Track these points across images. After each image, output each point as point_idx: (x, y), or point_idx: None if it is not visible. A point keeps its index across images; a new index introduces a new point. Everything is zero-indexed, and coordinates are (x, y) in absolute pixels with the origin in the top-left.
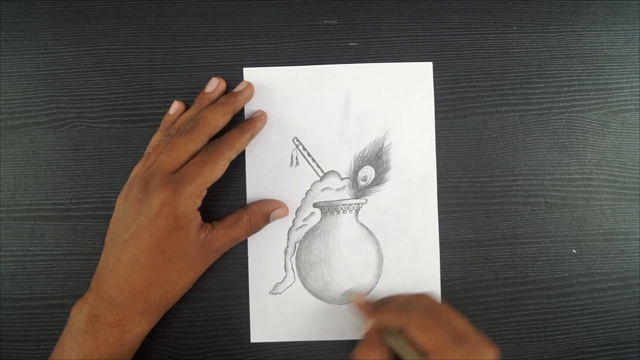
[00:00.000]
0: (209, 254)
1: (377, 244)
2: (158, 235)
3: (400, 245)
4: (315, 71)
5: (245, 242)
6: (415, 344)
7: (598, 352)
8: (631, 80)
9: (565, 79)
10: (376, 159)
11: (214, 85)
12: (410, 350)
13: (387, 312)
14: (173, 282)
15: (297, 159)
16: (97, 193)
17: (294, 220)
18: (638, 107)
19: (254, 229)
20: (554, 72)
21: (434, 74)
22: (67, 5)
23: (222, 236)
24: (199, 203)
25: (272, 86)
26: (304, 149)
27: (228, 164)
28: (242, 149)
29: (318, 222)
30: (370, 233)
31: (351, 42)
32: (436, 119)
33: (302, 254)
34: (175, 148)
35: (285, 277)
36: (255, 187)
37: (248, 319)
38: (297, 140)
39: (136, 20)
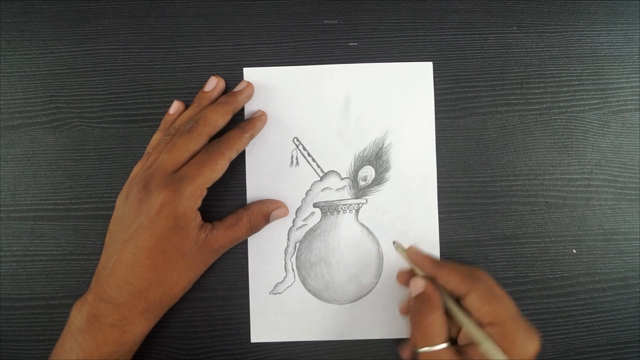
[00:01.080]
0: (209, 254)
1: (377, 243)
2: (158, 235)
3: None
4: (315, 71)
5: (245, 242)
6: (475, 314)
7: (598, 352)
8: (631, 80)
9: (565, 79)
10: (376, 159)
11: (213, 84)
12: (469, 319)
13: (452, 272)
14: (173, 282)
15: (297, 159)
16: (97, 193)
17: (294, 220)
18: (638, 107)
19: (254, 229)
20: (554, 72)
21: (434, 74)
22: (67, 5)
23: (222, 236)
24: (199, 203)
25: (272, 86)
26: (304, 149)
27: (228, 163)
28: (242, 149)
29: (318, 222)
30: (371, 233)
31: (351, 42)
32: (436, 119)
33: (302, 254)
34: (175, 148)
35: (286, 277)
36: (256, 187)
37: (248, 319)
38: (297, 140)
39: (136, 20)
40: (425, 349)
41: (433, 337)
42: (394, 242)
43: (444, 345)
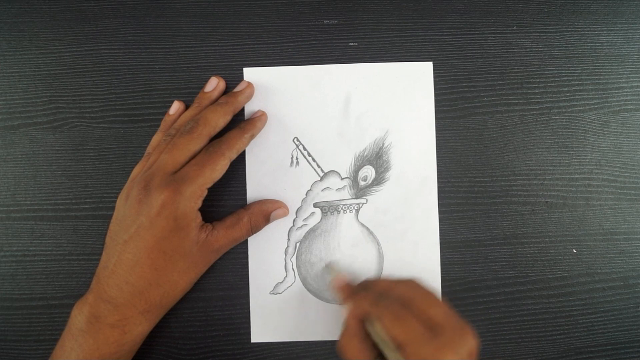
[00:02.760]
0: (209, 254)
1: (378, 243)
2: (158, 236)
3: (400, 245)
4: (315, 71)
5: (245, 242)
6: (390, 335)
7: (598, 352)
8: (631, 80)
9: (565, 79)
10: (376, 159)
11: (214, 84)
12: (387, 341)
13: (363, 300)
14: (173, 282)
15: (297, 159)
16: (97, 193)
17: (294, 220)
18: (638, 107)
19: (255, 229)
20: (554, 72)
21: (434, 73)
22: (67, 5)
23: (222, 236)
24: (199, 203)
25: (272, 86)
26: (304, 149)
27: (228, 164)
28: (243, 149)
29: (318, 222)
30: (371, 233)
31: (351, 42)
32: (436, 119)
33: (302, 254)
34: (175, 148)
35: (286, 277)
36: (256, 187)
37: (248, 319)
38: (298, 140)
39: (136, 20)
40: None
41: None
42: (326, 265)
43: None
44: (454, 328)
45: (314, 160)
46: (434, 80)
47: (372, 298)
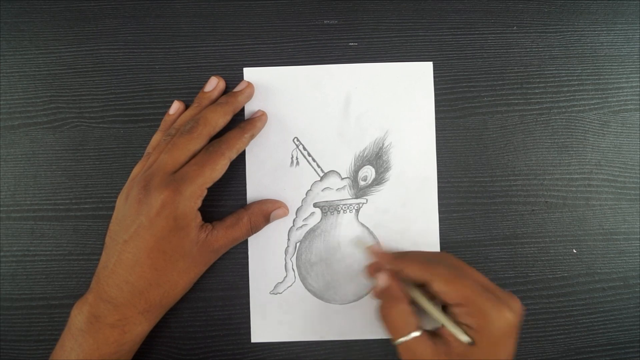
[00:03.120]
0: (209, 254)
1: (378, 243)
2: (158, 236)
3: (400, 245)
4: (315, 71)
5: (245, 242)
6: (442, 298)
7: (598, 352)
8: (631, 80)
9: (565, 79)
10: (376, 159)
11: (214, 84)
12: (434, 305)
13: (412, 263)
14: (173, 282)
15: (297, 158)
16: (97, 193)
17: (294, 220)
18: (638, 107)
19: (254, 229)
20: (554, 72)
21: (434, 73)
22: (67, 5)
23: (222, 236)
24: (199, 203)
25: (272, 86)
26: (304, 148)
27: (228, 164)
28: (243, 149)
29: (318, 222)
30: (371, 233)
31: (351, 42)
32: (436, 119)
33: (302, 254)
34: (175, 148)
35: (286, 277)
36: (256, 187)
37: (248, 319)
38: (298, 140)
39: (136, 20)
40: (399, 340)
41: (402, 328)
42: (357, 240)
43: (416, 334)
44: (503, 291)
45: (314, 160)
46: (434, 80)
47: (425, 257)
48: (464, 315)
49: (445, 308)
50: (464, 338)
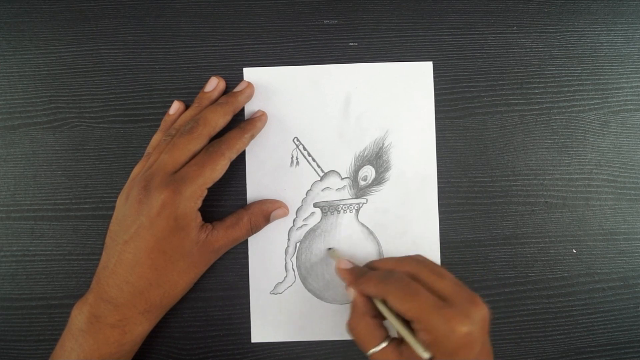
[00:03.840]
0: (209, 254)
1: (378, 243)
2: (159, 236)
3: (400, 245)
4: (315, 71)
5: (245, 242)
6: (400, 310)
7: (598, 352)
8: (631, 80)
9: (565, 79)
10: (376, 159)
11: (214, 84)
12: (397, 319)
13: (367, 282)
14: (174, 282)
15: (297, 158)
16: (97, 193)
17: (294, 220)
18: (638, 107)
19: (255, 229)
20: (554, 72)
21: (434, 73)
22: (67, 5)
23: (222, 236)
24: (199, 203)
25: (272, 86)
26: (304, 148)
27: (228, 164)
28: (243, 149)
29: (318, 222)
30: (371, 233)
31: (351, 42)
32: (436, 119)
33: (302, 254)
34: (175, 148)
35: (286, 277)
36: (256, 187)
37: (248, 319)
38: (298, 140)
39: (136, 20)
40: (370, 351)
41: (370, 341)
42: (329, 249)
43: (383, 345)
44: (464, 298)
45: (314, 160)
46: (434, 80)
47: (380, 276)
48: (419, 330)
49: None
50: (424, 355)
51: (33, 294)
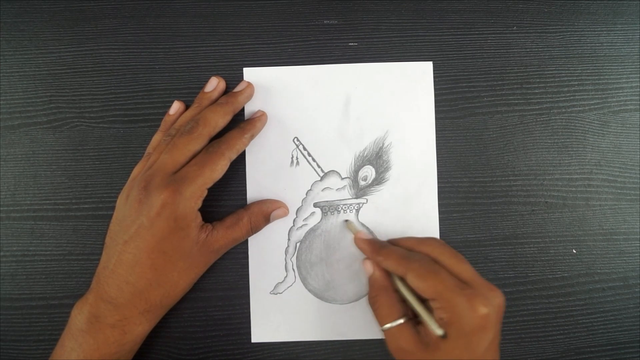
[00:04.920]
0: (209, 254)
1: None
2: (159, 236)
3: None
4: (315, 71)
5: (245, 242)
6: (418, 291)
7: (598, 352)
8: (631, 80)
9: (565, 79)
10: (376, 159)
11: (214, 84)
12: (413, 296)
13: (389, 257)
14: (174, 282)
15: (297, 158)
16: (97, 193)
17: (294, 220)
18: (638, 107)
19: (255, 229)
20: (554, 72)
21: (434, 73)
22: (67, 5)
23: (222, 236)
24: (199, 203)
25: (272, 86)
26: (304, 148)
27: (228, 164)
28: (243, 149)
29: (318, 222)
30: (371, 233)
31: (351, 42)
32: (436, 119)
33: (302, 254)
34: (175, 148)
35: (286, 277)
36: (256, 187)
37: (249, 319)
38: (298, 140)
39: (136, 20)
40: (384, 326)
41: (387, 315)
42: (345, 220)
43: (400, 321)
44: (482, 284)
45: (314, 160)
46: (434, 80)
47: (401, 253)
48: (437, 309)
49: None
50: (438, 331)
51: (33, 294)
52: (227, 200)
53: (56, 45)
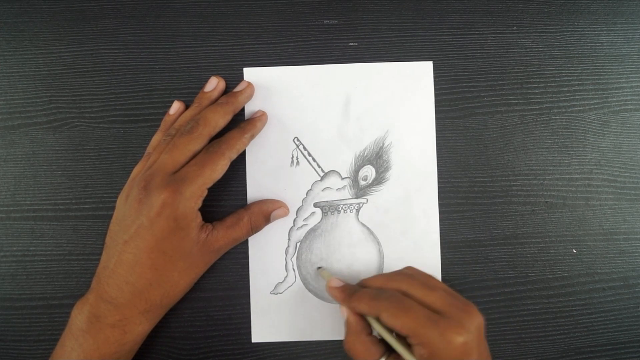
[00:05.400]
0: (209, 254)
1: (378, 243)
2: (159, 236)
3: (401, 244)
4: (315, 71)
5: (246, 242)
6: (394, 327)
7: (598, 352)
8: (631, 80)
9: (565, 79)
10: (377, 159)
11: (214, 84)
12: (390, 336)
13: (360, 300)
14: (174, 282)
15: (297, 158)
16: (97, 193)
17: (294, 220)
18: (638, 107)
19: (255, 229)
20: (554, 72)
21: (434, 73)
22: (67, 5)
23: (222, 236)
24: (199, 203)
25: (272, 86)
26: (305, 148)
27: (229, 164)
28: (243, 149)
29: (319, 222)
30: (371, 233)
31: (351, 42)
32: (436, 119)
33: (303, 254)
34: (175, 148)
35: (286, 277)
36: (256, 187)
37: (249, 319)
38: (298, 140)
39: (136, 20)
40: None
41: (368, 358)
42: (318, 268)
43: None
44: (457, 308)
45: (314, 160)
46: (434, 80)
47: (371, 293)
48: (415, 345)
49: None
50: None
51: (33, 294)
52: (227, 200)
53: (56, 45)
